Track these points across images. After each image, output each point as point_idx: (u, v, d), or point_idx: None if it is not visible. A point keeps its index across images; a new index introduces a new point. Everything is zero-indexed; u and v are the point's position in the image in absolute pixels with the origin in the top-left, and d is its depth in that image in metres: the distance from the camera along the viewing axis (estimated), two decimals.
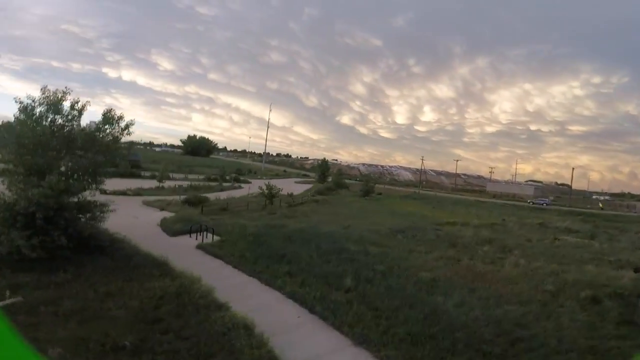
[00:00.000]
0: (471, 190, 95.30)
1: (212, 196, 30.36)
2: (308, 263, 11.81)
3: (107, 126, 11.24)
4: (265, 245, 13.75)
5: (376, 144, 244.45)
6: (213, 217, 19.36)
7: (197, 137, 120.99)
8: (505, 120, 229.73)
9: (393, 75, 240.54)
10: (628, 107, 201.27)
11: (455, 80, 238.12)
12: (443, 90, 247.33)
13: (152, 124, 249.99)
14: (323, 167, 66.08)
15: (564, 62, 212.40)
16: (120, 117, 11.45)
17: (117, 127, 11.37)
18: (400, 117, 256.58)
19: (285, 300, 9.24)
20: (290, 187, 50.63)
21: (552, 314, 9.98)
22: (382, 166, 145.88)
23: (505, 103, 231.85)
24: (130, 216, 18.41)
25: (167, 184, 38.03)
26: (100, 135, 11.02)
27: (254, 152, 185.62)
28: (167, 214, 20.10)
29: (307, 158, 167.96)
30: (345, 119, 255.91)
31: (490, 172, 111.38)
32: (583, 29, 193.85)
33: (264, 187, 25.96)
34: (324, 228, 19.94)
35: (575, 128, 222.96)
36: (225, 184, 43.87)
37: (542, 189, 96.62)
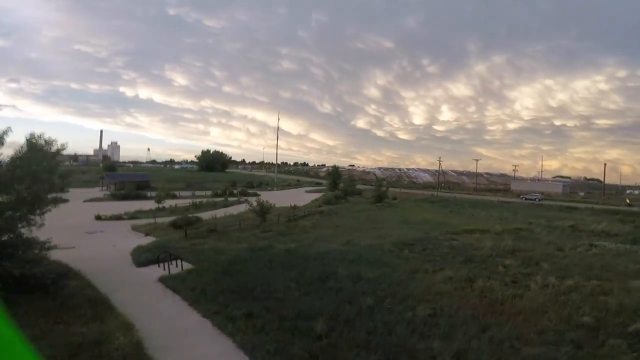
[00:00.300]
0: (495, 190, 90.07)
1: (211, 214, 29.09)
2: (280, 298, 9.86)
3: (34, 152, 9.80)
4: (238, 274, 11.94)
5: (394, 147, 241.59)
6: (195, 241, 17.81)
7: (211, 152, 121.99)
8: (527, 117, 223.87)
9: (407, 77, 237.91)
10: None
11: (472, 79, 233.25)
12: (460, 89, 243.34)
13: (172, 141, 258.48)
14: (334, 175, 64.05)
15: (586, 57, 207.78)
16: (49, 142, 10.04)
17: (46, 152, 9.92)
18: (418, 118, 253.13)
19: (233, 353, 7.33)
20: (300, 197, 49.04)
21: None
22: (399, 169, 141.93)
23: (526, 99, 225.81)
24: (110, 244, 17.18)
25: (170, 203, 37.25)
26: (27, 163, 9.58)
27: (271, 163, 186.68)
28: (151, 239, 18.78)
29: (324, 165, 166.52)
30: (361, 123, 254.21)
31: (514, 169, 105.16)
32: (603, 23, 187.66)
33: (254, 203, 23.91)
34: (319, 246, 17.94)
35: (602, 122, 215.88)
36: (231, 199, 42.70)
37: (570, 185, 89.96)
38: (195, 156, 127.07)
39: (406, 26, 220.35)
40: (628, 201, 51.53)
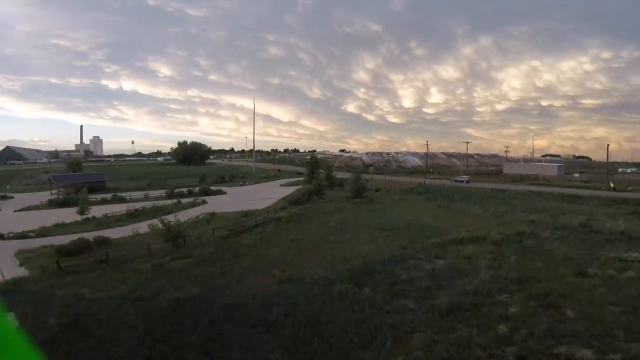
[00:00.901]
0: (486, 172, 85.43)
1: (134, 228, 23.30)
2: None
3: None
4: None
5: (385, 130, 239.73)
6: (69, 278, 12.17)
7: (189, 143, 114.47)
8: (515, 97, 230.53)
9: (396, 60, 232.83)
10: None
11: (460, 61, 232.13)
12: (449, 71, 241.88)
13: (159, 132, 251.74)
14: (312, 164, 58.22)
15: (572, 38, 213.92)
16: None
17: None
18: (407, 100, 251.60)
19: None
20: (271, 193, 43.13)
21: None
22: (387, 154, 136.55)
23: (513, 80, 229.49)
24: None
25: (109, 209, 31.20)
26: None
27: (261, 150, 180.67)
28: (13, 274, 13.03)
29: (315, 151, 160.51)
30: (351, 108, 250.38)
31: (506, 151, 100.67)
32: (588, 5, 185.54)
33: (159, 224, 17.30)
34: (239, 288, 12.33)
35: (588, 102, 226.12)
36: (185, 200, 36.62)
37: (564, 166, 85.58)
38: (171, 148, 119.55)
39: (393, 9, 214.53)
40: (612, 185, 46.45)
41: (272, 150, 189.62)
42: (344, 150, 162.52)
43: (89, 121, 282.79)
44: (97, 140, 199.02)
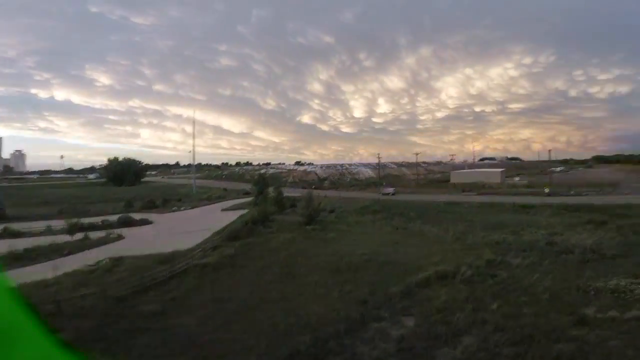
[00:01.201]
0: (435, 181, 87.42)
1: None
2: None
3: None
4: None
5: (339, 140, 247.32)
6: None
7: (120, 159, 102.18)
8: (452, 105, 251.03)
9: (347, 71, 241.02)
10: (557, 84, 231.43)
11: (403, 71, 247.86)
12: (394, 81, 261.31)
13: (95, 146, 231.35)
14: (260, 184, 53.08)
15: (498, 46, 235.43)
16: None
17: None
18: (358, 111, 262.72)
19: None
20: (209, 221, 36.90)
21: None
22: (341, 165, 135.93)
23: (450, 89, 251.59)
24: None
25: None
26: None
27: (209, 165, 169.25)
28: None
29: (269, 164, 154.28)
30: (306, 118, 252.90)
31: (451, 158, 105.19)
32: (512, 12, 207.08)
33: None
34: None
35: (514, 106, 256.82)
36: (95, 235, 29.24)
37: (505, 170, 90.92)
38: (100, 165, 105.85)
39: (344, 21, 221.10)
40: (547, 190, 48.08)
41: (222, 164, 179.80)
42: (300, 162, 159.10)
43: (13, 132, 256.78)
44: (18, 155, 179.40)
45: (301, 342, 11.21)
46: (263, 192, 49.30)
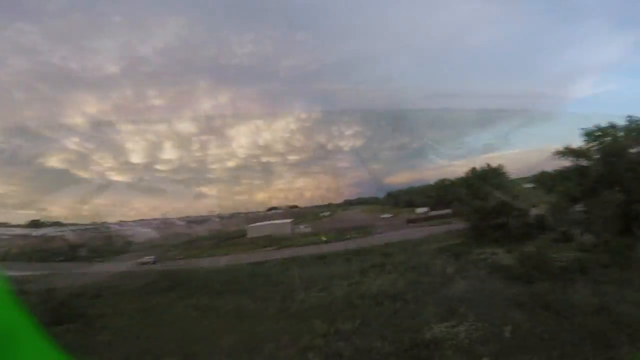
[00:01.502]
0: (232, 238, 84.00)
1: None
2: None
3: None
4: None
5: (105, 191, 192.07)
6: None
7: None
8: (242, 155, 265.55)
9: (128, 107, 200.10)
10: (320, 138, 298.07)
11: (198, 115, 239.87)
12: (185, 125, 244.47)
13: None
14: None
15: (285, 100, 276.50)
16: None
17: None
18: (137, 155, 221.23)
19: None
20: None
21: None
22: (108, 225, 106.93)
23: (242, 138, 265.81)
24: None
25: None
26: None
27: None
28: None
29: None
30: (54, 161, 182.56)
31: (247, 212, 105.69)
32: (296, 71, 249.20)
33: None
34: None
35: (292, 157, 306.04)
36: None
37: (293, 221, 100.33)
38: None
39: (138, 53, 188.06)
40: (324, 238, 51.66)
41: None
42: (37, 221, 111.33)
43: None
44: None
45: None
46: None
